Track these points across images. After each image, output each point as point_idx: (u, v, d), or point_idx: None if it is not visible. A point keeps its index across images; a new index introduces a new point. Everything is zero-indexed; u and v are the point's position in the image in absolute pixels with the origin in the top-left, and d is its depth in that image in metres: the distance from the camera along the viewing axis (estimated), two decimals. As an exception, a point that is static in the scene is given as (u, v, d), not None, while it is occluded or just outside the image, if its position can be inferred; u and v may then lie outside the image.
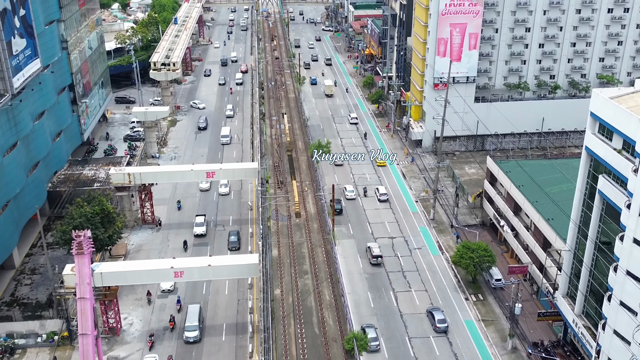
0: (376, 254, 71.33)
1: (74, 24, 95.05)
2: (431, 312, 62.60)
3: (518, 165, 74.39)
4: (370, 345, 56.47)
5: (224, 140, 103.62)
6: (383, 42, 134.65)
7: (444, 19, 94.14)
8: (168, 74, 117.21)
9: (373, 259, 71.17)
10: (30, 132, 76.89)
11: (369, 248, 72.76)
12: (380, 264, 71.46)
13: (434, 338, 60.54)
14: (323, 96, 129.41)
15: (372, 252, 71.64)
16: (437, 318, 61.51)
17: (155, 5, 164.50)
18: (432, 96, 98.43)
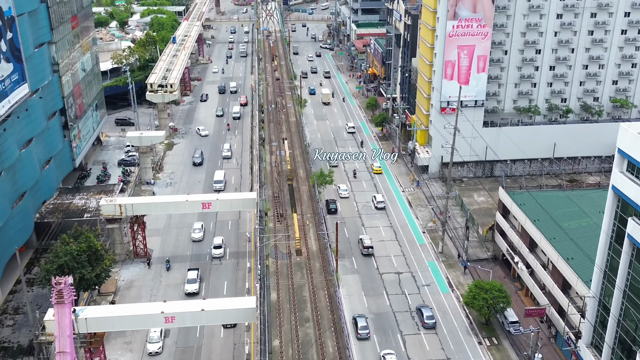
0: (367, 245, 76.73)
1: (67, 46, 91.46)
2: (420, 309, 65.61)
3: (532, 197, 70.09)
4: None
5: (217, 186, 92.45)
6: (387, 63, 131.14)
7: (451, 41, 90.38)
8: (165, 95, 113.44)
9: (364, 249, 76.57)
10: (17, 161, 72.81)
11: (360, 240, 78.27)
12: (371, 254, 76.44)
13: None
14: (325, 117, 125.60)
15: (363, 244, 77.03)
16: (425, 314, 64.40)
17: (154, 23, 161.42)
18: (439, 120, 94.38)
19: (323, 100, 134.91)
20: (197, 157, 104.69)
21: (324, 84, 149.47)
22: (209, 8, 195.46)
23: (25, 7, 77.16)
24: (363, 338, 61.20)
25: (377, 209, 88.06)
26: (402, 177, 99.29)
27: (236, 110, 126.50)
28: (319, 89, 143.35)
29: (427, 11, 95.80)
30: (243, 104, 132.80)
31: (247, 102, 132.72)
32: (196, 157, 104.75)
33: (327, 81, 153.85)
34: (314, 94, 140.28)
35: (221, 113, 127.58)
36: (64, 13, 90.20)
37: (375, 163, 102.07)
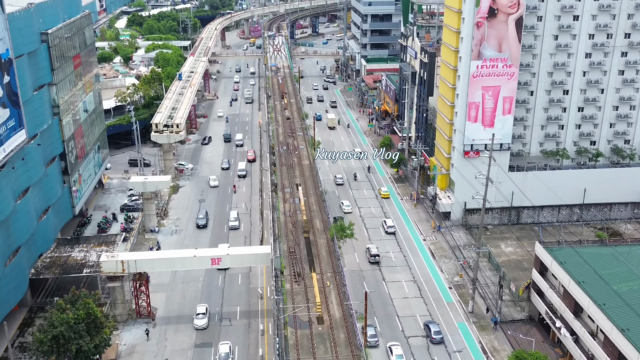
0: (374, 254, 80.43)
1: (68, 86, 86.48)
2: (427, 325, 66.98)
3: (574, 254, 64.02)
4: None
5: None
6: (400, 100, 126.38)
7: (475, 82, 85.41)
8: (171, 136, 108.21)
9: (371, 257, 79.96)
10: (11, 214, 67.02)
11: (368, 249, 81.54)
12: (378, 262, 79.83)
13: None
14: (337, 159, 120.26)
15: (370, 252, 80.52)
16: (433, 330, 65.95)
17: (159, 59, 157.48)
18: (462, 164, 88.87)
19: (329, 124, 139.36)
20: (201, 219, 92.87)
21: (329, 111, 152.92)
22: (215, 43, 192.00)
23: (25, 48, 72.33)
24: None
25: (387, 233, 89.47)
26: (423, 224, 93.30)
27: (242, 168, 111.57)
28: (325, 114, 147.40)
29: (448, 50, 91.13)
30: (251, 160, 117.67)
31: (256, 158, 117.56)
32: (200, 219, 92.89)
33: (333, 110, 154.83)
34: (320, 120, 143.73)
35: (227, 166, 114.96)
36: (65, 52, 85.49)
37: (382, 188, 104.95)
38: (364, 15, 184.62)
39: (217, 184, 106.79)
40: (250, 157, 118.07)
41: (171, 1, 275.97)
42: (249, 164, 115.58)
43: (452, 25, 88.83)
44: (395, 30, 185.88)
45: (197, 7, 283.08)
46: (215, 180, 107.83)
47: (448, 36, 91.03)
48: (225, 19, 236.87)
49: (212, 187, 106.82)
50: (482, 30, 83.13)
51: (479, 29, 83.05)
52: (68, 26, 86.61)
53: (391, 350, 61.62)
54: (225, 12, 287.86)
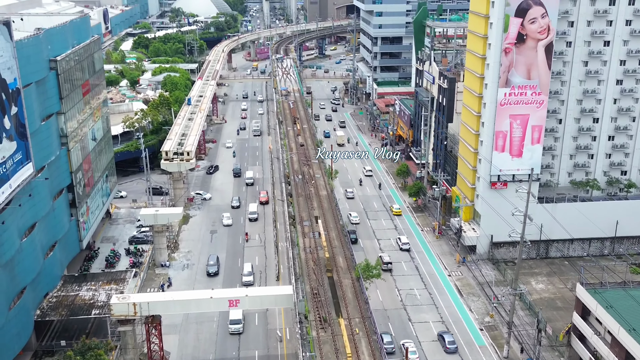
0: (387, 261, 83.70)
1: (77, 115, 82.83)
2: (442, 335, 68.88)
3: (621, 296, 59.59)
4: None
5: (233, 328, 70.95)
6: (419, 127, 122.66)
7: (503, 110, 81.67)
8: (181, 164, 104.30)
9: (384, 264, 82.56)
10: (16, 253, 62.85)
11: (380, 257, 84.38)
12: (390, 269, 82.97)
13: None
14: (351, 184, 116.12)
15: (382, 260, 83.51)
16: (447, 340, 67.82)
17: (167, 83, 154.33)
18: (488, 196, 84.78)
19: (338, 142, 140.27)
20: (211, 265, 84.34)
21: (337, 129, 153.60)
22: (222, 65, 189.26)
23: (33, 77, 68.75)
24: None
25: (401, 249, 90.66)
26: (446, 258, 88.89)
27: (253, 210, 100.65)
28: (333, 132, 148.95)
29: (472, 76, 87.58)
30: (263, 202, 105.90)
31: (269, 200, 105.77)
32: (210, 265, 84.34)
33: (342, 130, 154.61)
34: (329, 137, 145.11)
35: (237, 204, 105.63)
36: (74, 79, 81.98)
37: (394, 205, 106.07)
38: (374, 38, 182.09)
39: (231, 223, 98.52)
40: (263, 198, 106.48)
41: (177, 23, 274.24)
42: (261, 206, 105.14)
43: (476, 50, 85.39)
44: (405, 52, 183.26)
45: (203, 29, 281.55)
46: (229, 218, 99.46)
47: (472, 62, 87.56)
48: (232, 41, 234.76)
49: (225, 225, 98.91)
50: (510, 56, 79.61)
51: (506, 56, 79.53)
52: (77, 52, 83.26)
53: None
54: (231, 34, 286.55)
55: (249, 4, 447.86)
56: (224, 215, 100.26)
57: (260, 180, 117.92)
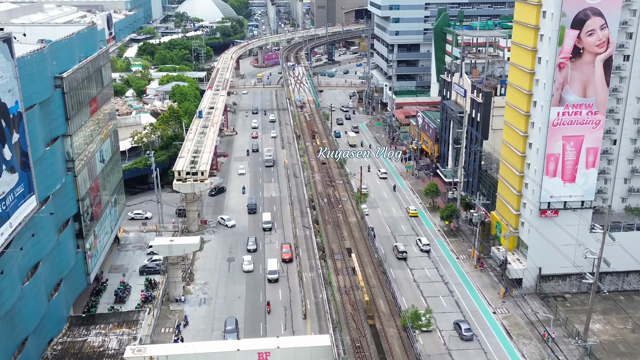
0: (402, 250, 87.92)
1: (84, 136, 75.13)
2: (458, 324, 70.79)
3: None
4: None
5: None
6: (446, 142, 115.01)
7: (555, 131, 73.93)
8: (195, 185, 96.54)
9: (399, 253, 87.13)
10: (17, 300, 55.21)
11: (395, 247, 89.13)
12: (405, 258, 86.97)
13: None
14: (376, 204, 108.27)
15: (398, 249, 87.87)
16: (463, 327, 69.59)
17: (176, 93, 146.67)
18: (537, 224, 77.00)
19: (350, 142, 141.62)
20: (230, 330, 70.25)
21: (350, 133, 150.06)
22: (231, 74, 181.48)
23: (36, 97, 61.17)
24: None
25: (422, 251, 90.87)
26: (488, 291, 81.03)
27: (273, 269, 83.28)
28: (344, 135, 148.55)
29: (517, 92, 79.88)
30: (287, 259, 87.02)
31: (292, 256, 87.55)
32: (229, 331, 70.30)
33: (353, 132, 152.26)
34: (339, 137, 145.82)
35: (254, 247, 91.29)
36: (82, 97, 74.32)
37: (410, 207, 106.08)
38: (390, 45, 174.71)
39: (252, 269, 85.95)
40: (286, 255, 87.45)
41: (182, 28, 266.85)
42: (284, 264, 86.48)
43: (523, 65, 77.72)
44: (423, 60, 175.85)
45: (209, 34, 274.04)
46: (250, 263, 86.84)
47: (517, 77, 79.87)
48: (240, 47, 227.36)
49: (246, 271, 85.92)
50: (565, 72, 71.92)
51: (560, 71, 71.84)
52: (85, 66, 75.66)
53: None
54: (237, 39, 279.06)
55: (254, 7, 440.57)
56: (244, 259, 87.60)
57: (279, 217, 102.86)
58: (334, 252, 76.20)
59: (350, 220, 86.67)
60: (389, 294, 67.19)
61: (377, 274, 71.48)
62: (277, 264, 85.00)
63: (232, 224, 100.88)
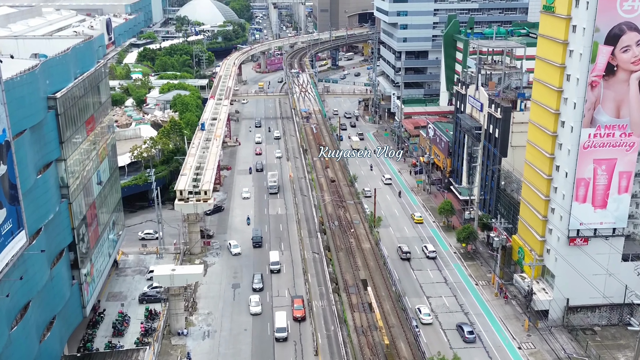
0: (405, 250, 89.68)
1: (79, 158, 70.02)
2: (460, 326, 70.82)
3: None
4: None
5: None
6: (459, 156, 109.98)
7: (586, 154, 68.83)
8: (198, 205, 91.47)
9: (403, 254, 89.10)
10: (4, 348, 50.10)
11: (399, 248, 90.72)
12: (409, 258, 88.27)
13: None
14: (386, 224, 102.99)
15: (402, 250, 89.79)
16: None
17: (177, 103, 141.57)
18: (565, 253, 71.89)
19: (353, 146, 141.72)
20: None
21: (354, 138, 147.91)
22: (234, 82, 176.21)
23: (27, 122, 56.04)
24: None
25: (428, 257, 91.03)
26: (512, 324, 75.83)
27: (281, 326, 72.52)
28: (347, 139, 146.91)
29: (542, 111, 74.79)
30: (299, 317, 75.15)
31: (305, 314, 75.74)
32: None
33: (357, 137, 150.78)
34: (342, 140, 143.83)
35: (260, 286, 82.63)
36: (77, 117, 69.23)
37: (416, 213, 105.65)
38: (397, 52, 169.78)
39: (260, 311, 77.89)
40: (298, 312, 75.32)
41: (183, 33, 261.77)
42: (295, 323, 74.93)
43: (549, 81, 72.64)
44: (432, 68, 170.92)
45: (210, 38, 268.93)
46: (258, 305, 78.60)
47: (542, 94, 74.80)
48: (242, 53, 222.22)
49: (253, 314, 77.85)
50: (597, 91, 66.85)
51: (592, 90, 66.76)
52: (81, 84, 70.56)
53: None
54: (239, 44, 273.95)
55: (255, 10, 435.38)
56: (251, 299, 79.56)
57: (288, 256, 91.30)
58: (348, 285, 71.01)
59: (364, 247, 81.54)
60: (410, 335, 62.00)
61: (396, 311, 66.31)
62: (286, 320, 73.57)
63: (237, 251, 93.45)
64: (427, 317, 74.11)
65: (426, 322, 72.96)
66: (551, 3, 71.51)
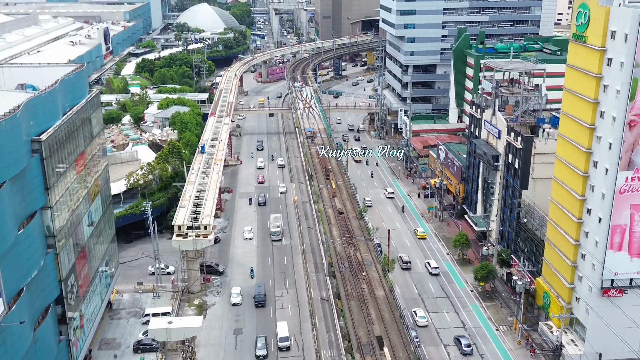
0: (406, 260, 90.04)
1: (68, 202, 64.20)
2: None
3: None
4: None
5: None
6: (474, 182, 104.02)
7: (622, 199, 62.94)
8: (198, 241, 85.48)
9: (403, 264, 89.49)
10: None
11: (399, 257, 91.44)
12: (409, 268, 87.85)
13: None
14: (399, 268, 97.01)
15: (402, 260, 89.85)
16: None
17: (176, 122, 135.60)
18: (597, 305, 66.01)
19: (355, 159, 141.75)
20: None
21: (355, 148, 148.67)
22: (235, 96, 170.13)
23: (7, 173, 50.43)
24: None
25: (431, 274, 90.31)
26: (537, 377, 70.03)
27: None
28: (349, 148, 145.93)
29: (571, 147, 68.88)
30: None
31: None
32: None
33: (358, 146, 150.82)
34: (340, 146, 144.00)
35: (264, 353, 73.02)
36: (66, 158, 63.45)
37: (419, 229, 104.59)
38: (404, 66, 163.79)
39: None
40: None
41: (183, 41, 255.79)
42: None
43: (579, 117, 66.76)
44: (440, 82, 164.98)
45: (210, 47, 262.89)
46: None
47: (571, 129, 68.93)
48: (244, 63, 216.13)
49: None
50: (636, 131, 61.00)
51: (631, 130, 60.93)
52: (70, 120, 64.78)
53: None
54: (240, 52, 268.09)
55: (256, 15, 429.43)
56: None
57: (295, 315, 79.64)
58: (362, 342, 65.07)
59: (377, 295, 75.50)
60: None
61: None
62: None
63: (237, 301, 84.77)
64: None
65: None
66: (582, 32, 65.68)
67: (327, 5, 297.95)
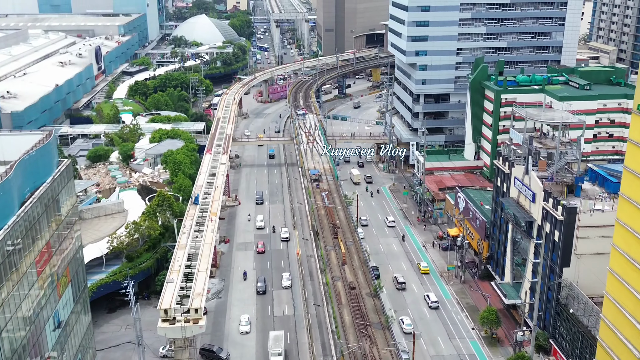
0: (401, 281, 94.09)
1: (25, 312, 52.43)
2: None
3: None
4: None
5: None
6: (500, 242, 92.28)
7: None
8: (187, 328, 73.60)
9: (399, 284, 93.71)
10: None
11: (395, 278, 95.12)
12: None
13: None
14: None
15: (397, 280, 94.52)
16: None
17: (169, 162, 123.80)
18: None
19: (353, 180, 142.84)
20: None
21: (354, 170, 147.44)
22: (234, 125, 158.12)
23: None
24: None
25: (431, 308, 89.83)
26: None
27: None
28: (348, 173, 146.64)
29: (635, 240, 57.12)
30: None
31: None
32: None
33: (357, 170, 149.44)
34: (338, 165, 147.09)
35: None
36: (22, 260, 51.71)
37: (422, 264, 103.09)
38: (415, 95, 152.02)
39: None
40: None
41: (179, 59, 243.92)
42: None
43: (647, 206, 55.02)
44: (454, 112, 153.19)
45: (208, 63, 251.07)
46: None
47: (635, 218, 57.15)
48: (243, 85, 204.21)
49: None
50: None
51: None
52: (30, 210, 53.08)
53: None
54: (239, 68, 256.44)
55: (257, 24, 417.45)
56: None
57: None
58: None
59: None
60: None
61: None
62: None
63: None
64: None
65: None
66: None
67: (329, 18, 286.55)
